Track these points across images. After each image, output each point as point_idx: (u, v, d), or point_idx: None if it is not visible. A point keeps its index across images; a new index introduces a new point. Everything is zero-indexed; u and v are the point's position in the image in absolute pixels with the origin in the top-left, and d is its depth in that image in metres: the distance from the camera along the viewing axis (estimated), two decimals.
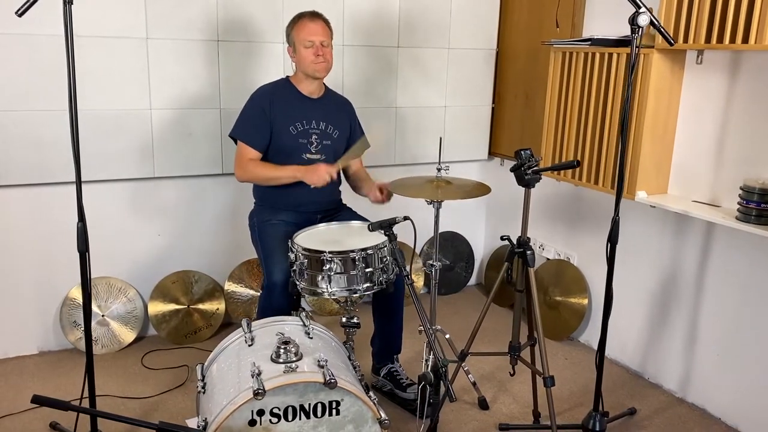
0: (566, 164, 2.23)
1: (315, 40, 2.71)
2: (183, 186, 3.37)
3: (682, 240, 2.95)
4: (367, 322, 2.95)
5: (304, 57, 2.73)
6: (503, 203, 4.04)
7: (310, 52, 2.72)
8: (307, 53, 2.72)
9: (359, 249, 2.41)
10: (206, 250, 3.49)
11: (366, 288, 2.45)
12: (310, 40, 2.71)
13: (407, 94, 3.74)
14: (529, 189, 2.31)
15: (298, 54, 2.75)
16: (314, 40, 2.71)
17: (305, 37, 2.71)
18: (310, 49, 2.72)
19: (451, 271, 4.18)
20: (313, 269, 2.43)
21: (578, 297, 3.51)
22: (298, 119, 2.79)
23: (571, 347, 3.52)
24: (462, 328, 3.65)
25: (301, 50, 2.73)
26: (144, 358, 3.25)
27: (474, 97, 3.93)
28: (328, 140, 2.86)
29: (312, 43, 2.71)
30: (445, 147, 3.91)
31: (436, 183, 2.61)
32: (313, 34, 2.72)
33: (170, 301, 3.40)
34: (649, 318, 3.16)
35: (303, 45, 2.72)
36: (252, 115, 2.78)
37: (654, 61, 2.76)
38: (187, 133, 3.25)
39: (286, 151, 2.79)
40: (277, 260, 2.60)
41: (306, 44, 2.71)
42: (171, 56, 3.14)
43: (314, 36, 2.71)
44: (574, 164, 2.19)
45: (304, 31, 2.72)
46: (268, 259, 2.67)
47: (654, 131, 2.87)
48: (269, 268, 2.63)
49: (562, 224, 3.65)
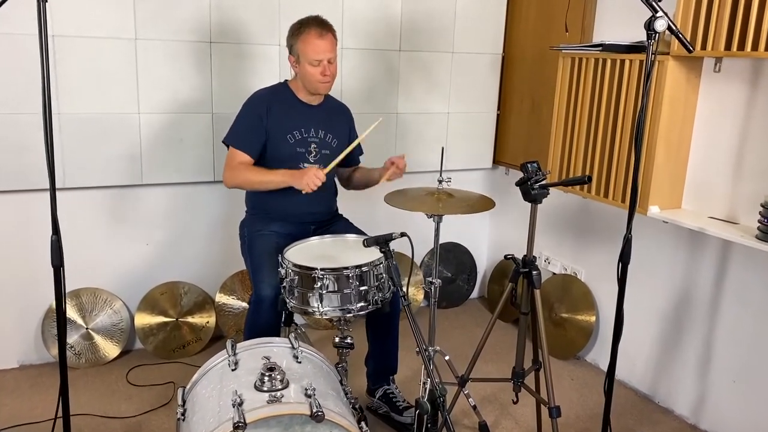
0: (576, 180, 2.07)
1: (323, 58, 2.55)
2: (173, 193, 3.22)
3: (697, 258, 2.79)
4: (361, 339, 2.80)
5: (310, 74, 2.57)
6: (508, 214, 3.88)
7: (317, 71, 2.56)
8: (314, 72, 2.56)
9: (353, 266, 2.26)
10: (197, 261, 3.35)
11: (360, 308, 2.30)
12: (318, 59, 2.54)
13: (409, 100, 3.59)
14: (536, 205, 2.16)
15: (303, 68, 2.58)
16: (322, 59, 2.55)
17: (313, 56, 2.53)
18: (317, 68, 2.55)
19: (453, 284, 4.02)
20: (304, 286, 2.29)
21: (585, 314, 3.35)
22: (297, 127, 2.65)
23: (577, 367, 3.36)
24: (463, 344, 3.50)
25: (306, 66, 2.56)
26: (129, 374, 3.10)
27: (478, 103, 3.78)
28: (326, 149, 2.71)
29: (319, 62, 2.54)
30: (448, 155, 3.74)
31: (437, 195, 2.46)
32: (322, 53, 2.54)
33: (158, 313, 3.26)
34: (660, 339, 3.00)
35: (309, 62, 2.54)
36: (246, 120, 2.64)
37: (669, 69, 2.61)
38: (177, 139, 3.10)
39: (283, 160, 2.64)
40: (266, 274, 2.45)
41: (313, 63, 2.54)
42: (161, 58, 2.99)
43: (322, 55, 2.54)
44: (584, 180, 2.04)
45: (311, 49, 2.53)
46: (257, 273, 2.52)
47: (668, 142, 2.71)
48: (257, 282, 2.48)
49: (569, 237, 3.49)
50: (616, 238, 3.14)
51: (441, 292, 3.94)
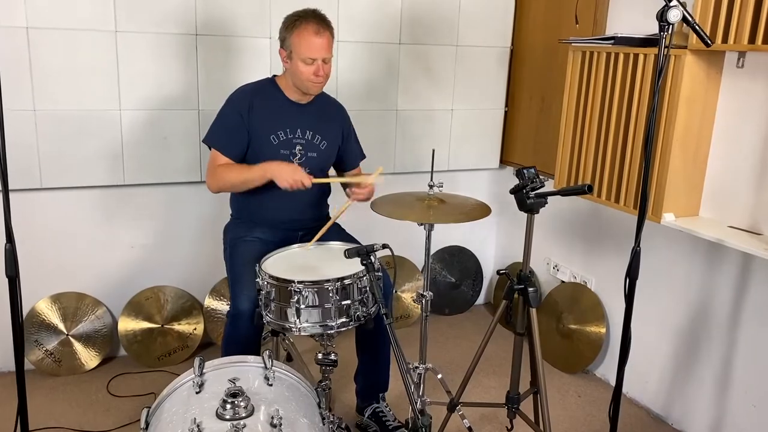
0: (576, 189, 1.87)
1: (318, 57, 2.35)
2: (157, 194, 3.06)
3: (715, 271, 2.57)
4: (352, 354, 2.62)
5: (302, 72, 2.38)
6: (515, 216, 3.66)
7: (309, 70, 2.36)
8: (306, 70, 2.37)
9: (334, 278, 2.08)
10: (184, 264, 3.19)
11: (341, 324, 2.11)
12: (312, 58, 2.35)
13: (410, 96, 3.39)
14: (533, 215, 1.95)
15: (294, 65, 2.38)
16: (317, 58, 2.35)
17: (307, 54, 2.34)
18: (310, 67, 2.36)
19: (457, 290, 3.82)
20: (282, 300, 2.11)
21: (595, 326, 3.14)
22: (281, 127, 2.46)
23: (585, 382, 3.15)
24: (465, 354, 3.32)
25: (298, 64, 2.36)
26: (110, 383, 2.96)
27: (485, 100, 3.57)
28: (313, 152, 2.53)
29: (313, 61, 2.35)
30: (452, 154, 3.57)
31: (428, 202, 2.26)
32: (316, 52, 2.34)
33: (143, 319, 3.11)
34: (674, 356, 2.77)
35: (302, 60, 2.35)
36: (227, 120, 2.46)
37: (687, 64, 2.38)
38: (161, 137, 2.94)
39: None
40: (244, 285, 2.28)
41: (306, 61, 2.35)
42: (143, 52, 2.83)
43: (317, 53, 2.34)
44: (584, 190, 1.83)
45: (306, 46, 2.33)
46: (235, 284, 2.35)
47: (685, 144, 2.49)
48: (235, 294, 2.32)
49: (579, 243, 3.28)
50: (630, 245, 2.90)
51: (444, 297, 3.76)
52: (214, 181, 2.45)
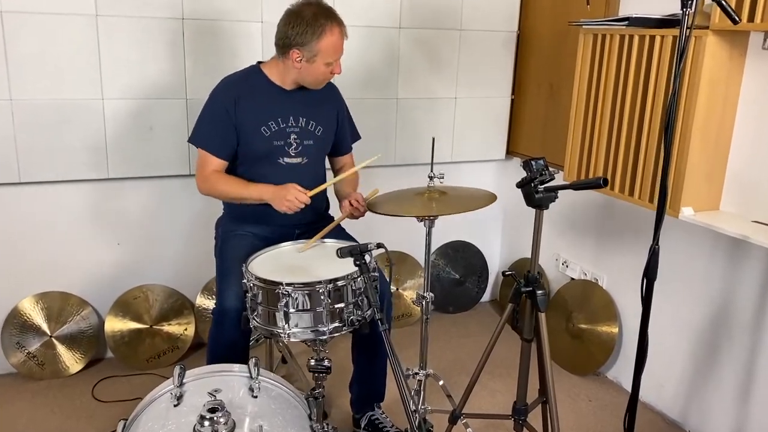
0: (589, 183, 1.69)
1: (340, 57, 2.25)
2: (144, 188, 2.91)
3: (738, 269, 2.39)
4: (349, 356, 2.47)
5: (321, 73, 2.24)
6: (523, 209, 3.49)
7: (328, 69, 2.24)
8: (326, 71, 2.24)
9: (326, 280, 1.91)
10: (174, 261, 3.04)
11: (334, 329, 1.95)
12: (335, 58, 2.23)
13: (410, 84, 3.21)
14: (542, 210, 1.78)
15: (313, 67, 2.22)
16: (339, 58, 2.25)
17: (334, 57, 2.22)
18: (329, 67, 2.23)
19: (461, 286, 3.66)
20: (269, 304, 1.95)
21: (607, 325, 2.97)
22: (272, 117, 2.30)
23: (597, 385, 2.98)
24: (470, 356, 3.17)
25: (319, 66, 2.21)
26: (96, 387, 2.82)
27: (490, 87, 3.39)
28: (309, 139, 2.36)
29: (334, 61, 2.23)
30: (456, 145, 3.40)
31: (428, 194, 2.09)
32: (340, 52, 2.24)
33: (131, 319, 2.96)
34: (692, 358, 2.61)
35: (325, 62, 2.21)
36: (213, 117, 2.29)
37: (708, 45, 2.20)
38: (146, 128, 2.78)
39: (260, 157, 2.31)
40: (232, 282, 2.12)
41: (329, 62, 2.21)
42: (126, 37, 2.67)
43: (341, 53, 2.25)
44: (599, 183, 1.66)
45: (333, 50, 2.20)
46: (223, 279, 2.20)
47: (705, 132, 2.31)
48: (222, 290, 2.16)
49: (590, 238, 3.10)
50: (644, 241, 2.76)
51: (448, 295, 3.60)
52: (205, 187, 2.30)
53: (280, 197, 2.18)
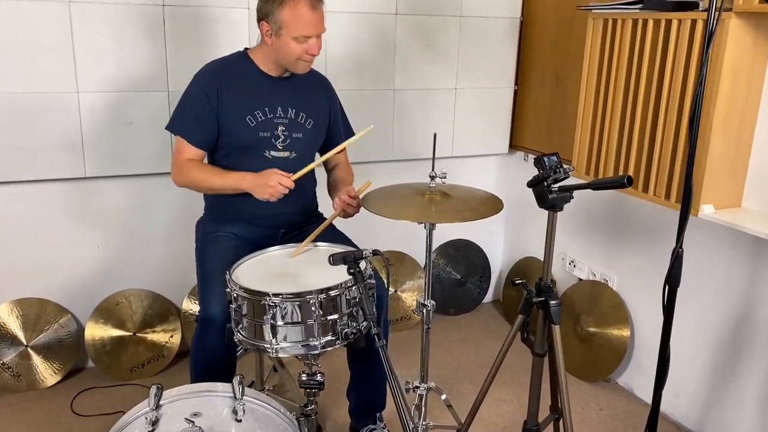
0: (612, 182, 1.51)
1: (313, 34, 2.02)
2: (124, 187, 2.73)
3: (761, 270, 2.22)
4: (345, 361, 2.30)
5: (293, 51, 2.03)
6: (527, 206, 3.33)
7: (301, 48, 2.02)
8: (298, 49, 2.03)
9: (317, 290, 1.74)
10: (158, 264, 2.86)
11: (326, 343, 1.78)
12: (307, 35, 2.01)
13: (408, 74, 3.03)
14: (555, 212, 1.61)
15: (282, 42, 2.03)
16: (312, 35, 2.02)
17: (301, 32, 1.99)
18: (302, 45, 2.02)
19: (463, 287, 3.49)
20: (255, 316, 1.78)
21: (617, 329, 2.81)
22: (258, 106, 2.12)
23: (607, 392, 2.82)
24: (475, 360, 3.00)
25: (289, 42, 2.02)
26: (75, 400, 2.64)
27: (492, 77, 3.21)
28: (298, 132, 2.18)
29: (307, 39, 2.01)
30: (456, 139, 3.22)
31: (429, 196, 1.92)
32: (312, 29, 2.01)
33: (113, 326, 2.79)
34: (711, 364, 2.44)
35: (294, 38, 2.00)
36: (193, 103, 2.12)
37: (731, 29, 2.03)
38: (126, 123, 2.60)
39: (244, 149, 2.14)
40: (216, 288, 1.95)
41: (299, 39, 2.00)
42: (102, 25, 2.48)
43: (313, 30, 2.01)
44: (623, 182, 1.48)
45: (301, 23, 1.99)
46: (206, 287, 2.02)
47: (727, 123, 2.14)
48: (205, 298, 1.99)
49: (599, 237, 2.93)
50: (658, 240, 2.59)
51: (448, 296, 3.44)
52: (180, 177, 2.13)
53: (260, 184, 2.00)
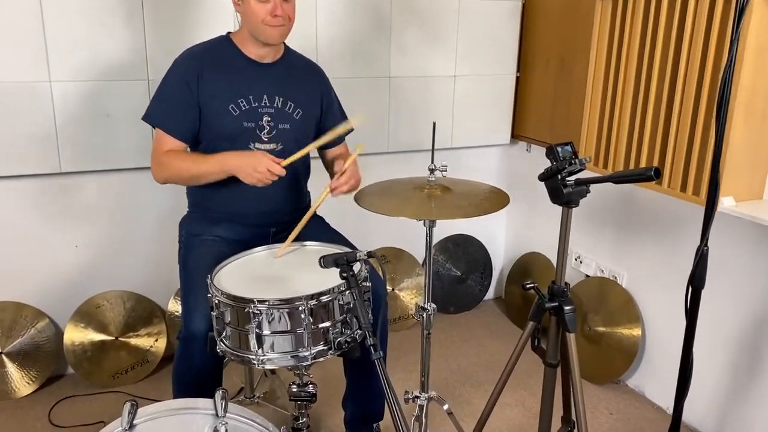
0: (636, 174, 1.35)
1: None
2: (104, 183, 2.57)
3: None
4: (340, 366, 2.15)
5: (256, 14, 1.86)
6: (530, 200, 3.17)
7: (263, 9, 1.85)
8: (261, 11, 1.85)
9: (307, 295, 1.58)
10: (141, 264, 2.70)
11: (317, 353, 1.62)
12: None
13: (404, 60, 2.86)
14: (570, 209, 1.45)
15: (246, 7, 1.87)
16: None
17: None
18: (265, 5, 1.85)
19: (463, 284, 3.34)
20: (239, 324, 1.62)
21: (627, 328, 2.66)
22: (242, 94, 1.96)
23: (616, 395, 2.67)
24: (476, 362, 2.86)
25: (251, 4, 1.86)
26: (53, 410, 2.48)
27: (493, 63, 3.04)
28: (285, 122, 2.02)
29: None
30: (456, 129, 3.06)
31: (428, 190, 1.76)
32: None
33: (94, 330, 2.63)
34: (731, 368, 2.29)
35: None
36: (171, 91, 1.95)
37: (755, 7, 1.88)
38: (103, 114, 2.43)
39: (226, 140, 1.97)
40: (199, 300, 1.79)
41: None
42: (75, 9, 2.31)
43: None
44: (650, 175, 1.32)
45: None
46: (188, 298, 1.87)
47: (750, 110, 2.00)
48: (187, 310, 1.83)
49: (607, 230, 2.78)
50: (670, 233, 2.44)
51: (448, 293, 3.29)
52: (160, 171, 1.97)
53: (248, 166, 1.83)
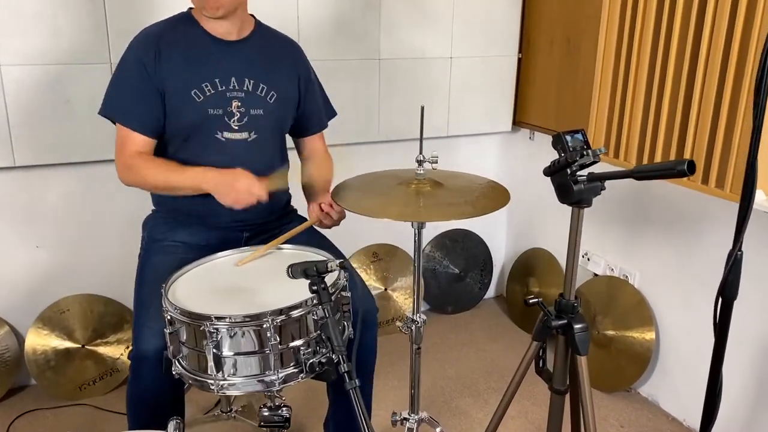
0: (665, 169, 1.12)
1: None
2: (65, 178, 2.34)
3: None
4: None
5: None
6: (533, 192, 2.94)
7: None
8: None
9: (274, 311, 1.36)
10: (110, 265, 2.48)
11: (286, 377, 1.40)
12: None
13: (395, 40, 2.63)
14: (582, 209, 1.22)
15: None
16: None
17: None
18: None
19: (461, 282, 3.12)
20: (197, 344, 1.40)
21: (639, 331, 2.44)
22: (206, 77, 1.73)
23: (627, 404, 2.46)
24: (475, 368, 2.67)
25: None
26: (14, 424, 2.28)
27: (493, 43, 2.80)
28: (258, 108, 1.78)
29: None
30: (452, 115, 2.82)
31: (415, 186, 1.53)
32: None
33: (58, 337, 2.42)
34: (757, 379, 2.08)
35: None
36: (129, 78, 1.72)
37: None
38: (61, 101, 2.20)
39: (190, 130, 1.75)
40: (151, 314, 1.57)
41: None
42: None
43: None
44: (683, 170, 1.08)
45: None
46: (140, 312, 1.65)
47: None
48: (138, 326, 1.61)
49: (617, 225, 2.56)
50: (687, 229, 2.23)
51: (446, 293, 3.08)
52: (127, 175, 1.74)
53: (226, 185, 1.63)
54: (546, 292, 2.91)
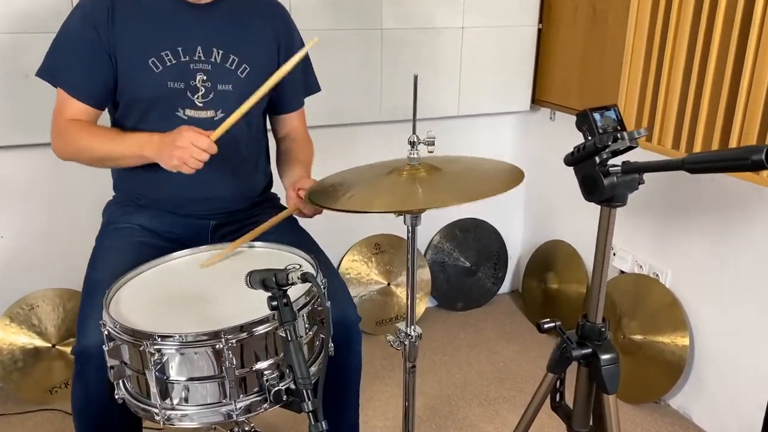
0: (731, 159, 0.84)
1: None
2: (28, 160, 2.12)
3: None
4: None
5: None
6: (552, 178, 2.67)
7: None
8: None
9: (230, 328, 1.11)
10: (82, 257, 2.23)
11: (246, 407, 1.16)
12: None
13: (400, 9, 2.36)
14: (614, 208, 0.96)
15: None
16: None
17: None
18: None
19: (473, 277, 2.86)
20: (141, 366, 1.16)
21: (671, 337, 2.18)
22: (167, 44, 1.49)
23: (657, 418, 2.21)
24: (486, 373, 2.45)
25: None
26: None
27: (509, 12, 2.53)
28: (227, 82, 1.54)
29: None
30: (463, 93, 2.56)
31: (408, 172, 1.27)
32: None
33: (26, 336, 2.22)
34: None
35: None
36: (74, 38, 1.49)
37: None
38: (20, 75, 1.97)
39: (147, 105, 1.52)
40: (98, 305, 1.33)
41: None
42: None
43: None
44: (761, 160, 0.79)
45: None
46: (86, 304, 1.42)
47: None
48: (83, 318, 1.38)
49: (648, 218, 2.29)
50: (726, 223, 2.00)
51: (456, 288, 2.84)
52: (60, 144, 1.54)
53: (168, 146, 1.37)
54: (566, 289, 2.65)
